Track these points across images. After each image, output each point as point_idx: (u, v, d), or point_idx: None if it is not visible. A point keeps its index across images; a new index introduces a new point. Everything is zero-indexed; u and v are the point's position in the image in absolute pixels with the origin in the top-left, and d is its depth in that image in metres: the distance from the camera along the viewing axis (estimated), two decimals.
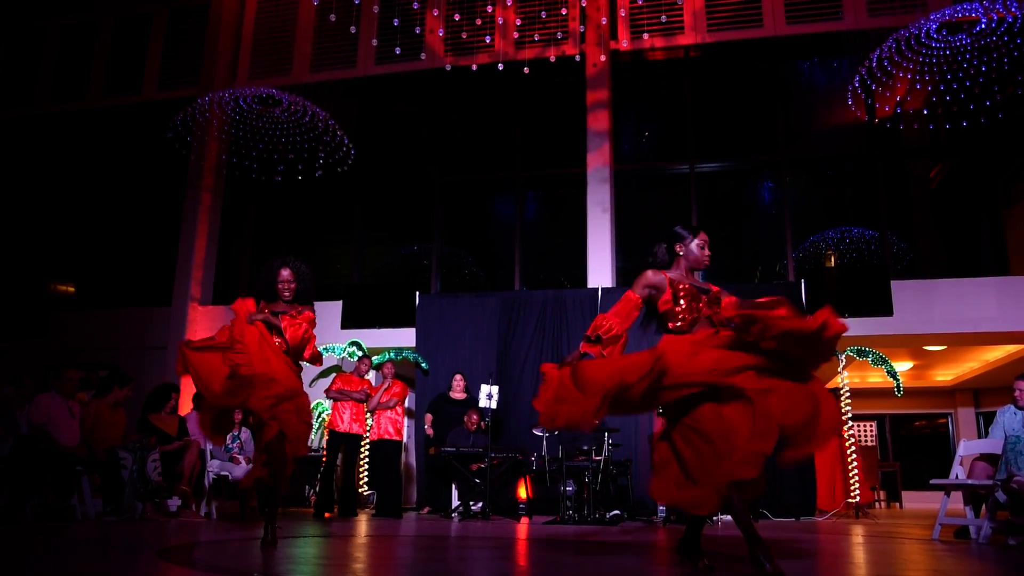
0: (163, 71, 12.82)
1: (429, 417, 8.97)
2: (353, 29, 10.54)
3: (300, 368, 4.42)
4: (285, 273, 4.36)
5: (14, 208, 13.05)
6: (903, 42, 8.47)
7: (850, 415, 9.28)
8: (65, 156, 13.08)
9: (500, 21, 10.88)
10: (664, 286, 3.56)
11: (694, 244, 3.67)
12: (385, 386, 8.68)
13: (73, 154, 13.06)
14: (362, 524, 6.95)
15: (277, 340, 4.28)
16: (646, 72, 11.89)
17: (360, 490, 9.61)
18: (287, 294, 4.35)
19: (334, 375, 8.79)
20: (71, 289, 12.98)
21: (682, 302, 3.51)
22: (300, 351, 4.32)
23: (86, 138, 13.03)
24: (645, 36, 10.91)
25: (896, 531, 6.87)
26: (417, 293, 10.29)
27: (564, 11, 10.94)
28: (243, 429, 7.88)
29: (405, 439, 9.75)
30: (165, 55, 12.90)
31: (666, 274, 3.61)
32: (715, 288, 3.63)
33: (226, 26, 12.43)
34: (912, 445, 15.40)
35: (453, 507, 8.37)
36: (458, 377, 9.06)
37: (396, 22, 9.60)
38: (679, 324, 3.50)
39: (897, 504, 13.88)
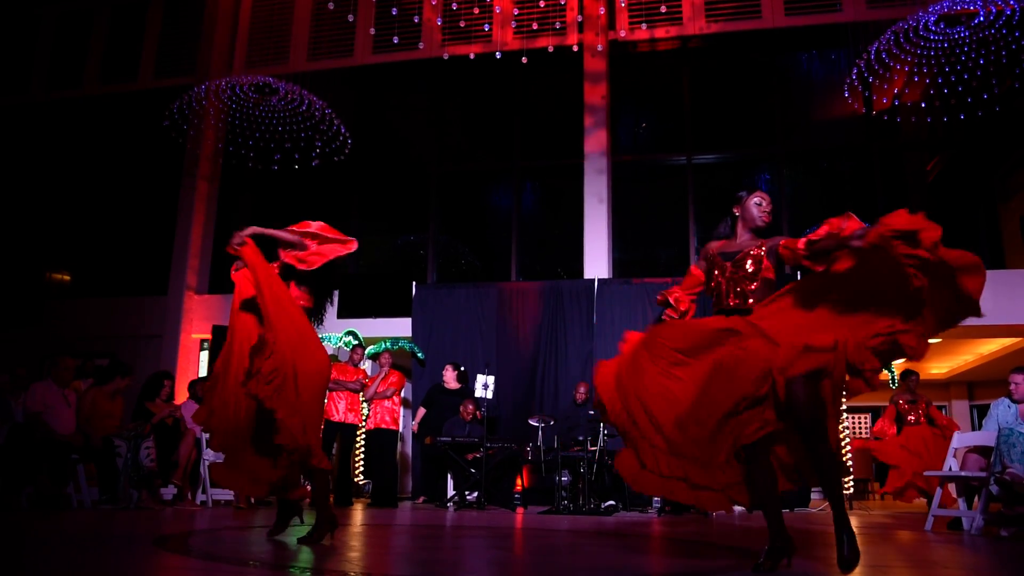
0: (159, 59, 12.76)
1: (421, 412, 8.97)
2: (351, 18, 10.49)
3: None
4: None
5: (9, 196, 12.99)
6: (901, 34, 8.45)
7: (845, 407, 9.30)
8: (61, 144, 13.02)
9: (498, 10, 10.84)
10: (708, 257, 3.49)
11: (751, 202, 3.50)
12: (382, 376, 8.69)
13: (69, 142, 13.00)
14: (358, 513, 6.97)
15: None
16: (644, 63, 11.86)
17: (356, 479, 9.63)
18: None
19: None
20: (67, 278, 12.95)
21: (714, 273, 3.41)
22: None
23: (82, 126, 12.97)
24: (643, 26, 10.88)
25: (889, 522, 6.90)
26: (414, 283, 10.29)
27: (563, 0, 10.90)
28: None
29: (401, 428, 9.77)
30: (161, 43, 12.83)
31: (713, 245, 3.51)
32: (764, 243, 3.37)
33: (223, 14, 12.37)
34: None
35: (449, 497, 8.40)
36: (448, 367, 9.04)
37: (394, 11, 9.57)
38: (713, 301, 3.41)
39: (891, 496, 13.93)
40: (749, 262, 3.35)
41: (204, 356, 11.26)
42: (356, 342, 9.65)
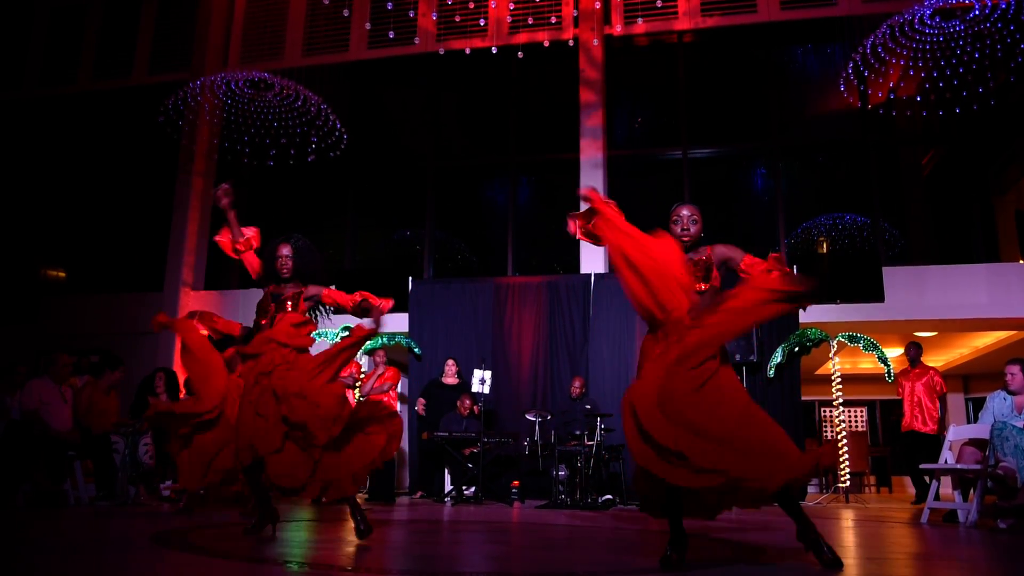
0: (154, 54, 12.72)
1: (422, 401, 8.99)
2: (346, 12, 10.48)
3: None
4: (284, 250, 4.39)
5: (4, 193, 12.95)
6: (897, 28, 8.47)
7: (841, 401, 9.33)
8: (55, 140, 12.98)
9: (494, 5, 10.82)
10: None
11: (670, 222, 3.41)
12: (378, 373, 8.69)
13: (63, 138, 12.96)
14: None
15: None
16: (640, 57, 11.85)
17: None
18: (284, 271, 4.38)
19: None
20: (62, 275, 12.92)
21: None
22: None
23: (76, 122, 12.92)
24: (639, 21, 10.87)
25: (885, 515, 6.93)
26: (410, 278, 10.28)
27: None
28: None
29: None
30: (156, 38, 12.79)
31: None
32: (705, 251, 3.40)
33: (217, 9, 12.32)
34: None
35: (446, 492, 8.41)
36: (450, 362, 9.06)
37: (390, 6, 9.55)
38: None
39: (887, 489, 14.01)
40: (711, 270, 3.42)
41: None
42: None
